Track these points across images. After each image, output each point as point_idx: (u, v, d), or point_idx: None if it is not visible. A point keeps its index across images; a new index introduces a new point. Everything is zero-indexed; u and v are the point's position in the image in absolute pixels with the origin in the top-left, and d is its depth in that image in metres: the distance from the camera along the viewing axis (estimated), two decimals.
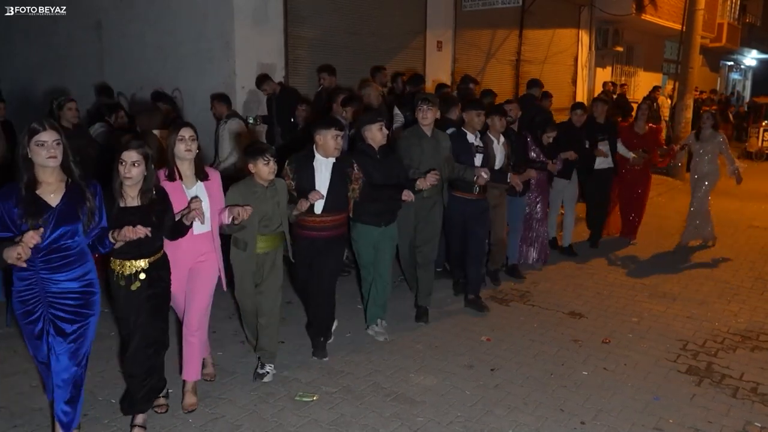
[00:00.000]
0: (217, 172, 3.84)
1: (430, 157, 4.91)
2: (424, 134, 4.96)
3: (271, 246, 4.03)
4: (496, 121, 5.54)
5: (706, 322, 5.32)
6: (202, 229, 3.69)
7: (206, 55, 7.52)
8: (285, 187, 4.08)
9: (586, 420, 3.75)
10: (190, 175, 3.65)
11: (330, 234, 4.30)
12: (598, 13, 14.03)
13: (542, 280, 6.28)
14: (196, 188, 3.66)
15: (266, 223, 3.96)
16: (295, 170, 4.22)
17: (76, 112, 5.92)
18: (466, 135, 5.32)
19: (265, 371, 4.11)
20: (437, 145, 4.99)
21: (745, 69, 31.16)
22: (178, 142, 3.56)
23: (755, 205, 10.59)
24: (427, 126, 4.95)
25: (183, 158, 3.59)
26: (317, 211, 4.22)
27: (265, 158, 3.84)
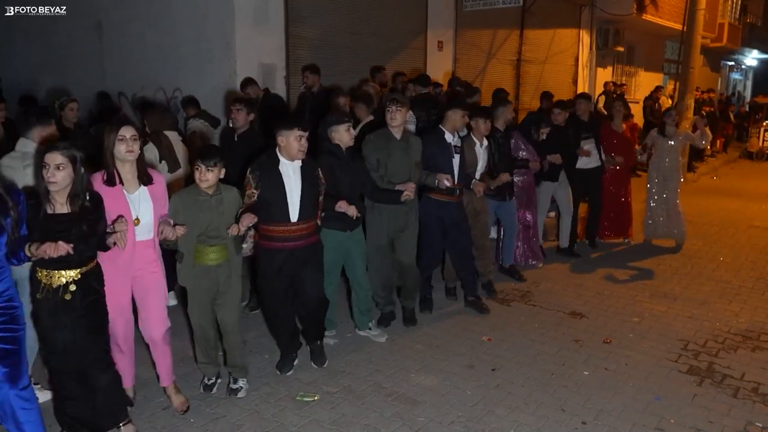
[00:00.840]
0: (161, 176, 3.63)
1: (399, 161, 4.68)
2: (392, 137, 4.70)
3: (224, 257, 3.74)
4: (480, 124, 5.36)
5: (707, 322, 5.32)
6: (146, 236, 3.49)
7: (207, 55, 7.53)
8: (235, 199, 3.78)
9: (588, 420, 3.74)
10: (132, 179, 3.41)
11: (308, 242, 4.04)
12: (599, 13, 14.03)
13: (543, 280, 6.28)
14: (138, 193, 3.44)
15: (213, 234, 3.67)
16: (259, 178, 3.86)
17: (77, 112, 5.93)
18: (444, 134, 5.05)
19: (238, 386, 3.94)
20: (408, 148, 4.74)
21: (745, 69, 31.14)
22: (117, 143, 3.29)
23: (756, 205, 10.58)
24: (396, 128, 4.69)
25: (124, 160, 3.33)
26: (292, 220, 3.93)
27: (197, 165, 3.56)
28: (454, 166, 5.02)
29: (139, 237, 3.46)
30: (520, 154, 6.18)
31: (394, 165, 4.65)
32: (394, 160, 4.66)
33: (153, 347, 3.69)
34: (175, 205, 3.63)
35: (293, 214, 3.92)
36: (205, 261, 3.71)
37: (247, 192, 3.85)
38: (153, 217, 3.47)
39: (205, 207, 3.64)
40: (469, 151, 5.29)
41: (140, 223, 3.43)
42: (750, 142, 17.52)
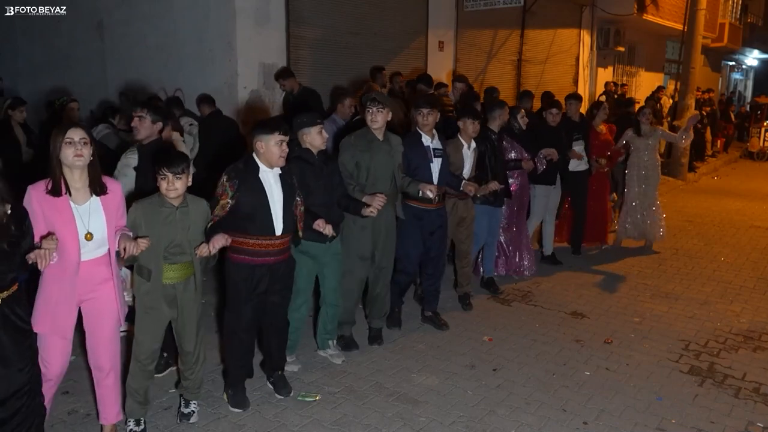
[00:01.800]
0: (119, 184, 3.27)
1: (382, 164, 4.40)
2: (374, 138, 4.39)
3: (182, 276, 3.36)
4: (468, 125, 5.06)
5: (709, 322, 5.32)
6: (96, 252, 3.11)
7: (208, 56, 7.53)
8: (203, 211, 3.42)
9: (589, 420, 3.75)
10: (82, 187, 3.04)
11: (287, 255, 3.77)
12: (600, 13, 14.03)
13: (544, 281, 6.28)
14: (89, 204, 3.05)
15: (175, 250, 3.30)
16: (237, 187, 3.52)
17: (77, 112, 5.93)
18: (421, 137, 4.73)
19: (190, 410, 3.64)
20: (390, 150, 4.45)
21: (746, 69, 31.13)
22: (65, 146, 2.92)
23: (757, 205, 10.58)
24: (378, 129, 4.39)
25: (72, 166, 2.95)
26: (277, 233, 3.61)
27: (161, 173, 3.20)
28: (433, 171, 4.70)
29: (90, 255, 3.08)
30: (510, 155, 5.97)
31: (378, 168, 4.38)
32: (377, 163, 4.38)
33: (98, 379, 3.29)
34: (134, 216, 3.25)
35: (278, 226, 3.61)
36: (166, 279, 3.32)
37: (220, 201, 3.50)
38: (107, 231, 3.10)
39: (170, 220, 3.27)
40: (456, 153, 5.04)
41: (93, 239, 3.05)
42: (751, 142, 17.52)
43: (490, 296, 5.78)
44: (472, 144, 5.18)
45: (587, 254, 7.21)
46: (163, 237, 3.26)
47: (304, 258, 4.06)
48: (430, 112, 4.67)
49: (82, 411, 3.69)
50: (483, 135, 5.42)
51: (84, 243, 3.03)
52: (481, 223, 5.59)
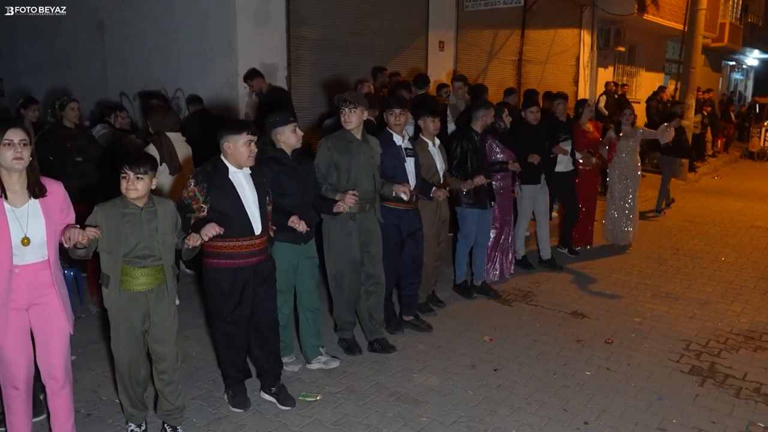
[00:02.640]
0: (60, 185, 3.07)
1: (363, 165, 4.31)
2: (352, 138, 4.30)
3: (153, 282, 3.21)
4: (428, 123, 5.02)
5: (709, 322, 5.32)
6: (37, 258, 2.94)
7: (208, 56, 7.53)
8: (171, 211, 3.27)
9: (590, 420, 3.75)
10: (20, 190, 2.89)
11: (267, 254, 3.73)
12: (600, 12, 14.02)
13: (544, 281, 6.28)
14: (27, 207, 2.90)
15: (142, 254, 3.15)
16: (207, 190, 3.45)
17: (78, 112, 5.93)
18: (392, 136, 4.68)
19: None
20: (370, 150, 4.39)
21: (747, 69, 31.12)
22: (3, 148, 2.78)
23: (757, 205, 10.58)
24: (354, 130, 4.30)
25: (10, 168, 2.82)
26: (256, 231, 3.57)
27: (123, 172, 3.07)
28: (407, 171, 4.66)
29: (28, 260, 2.92)
30: (496, 157, 5.87)
31: (359, 169, 4.29)
32: (358, 164, 4.29)
33: (53, 390, 3.10)
34: (96, 219, 3.09)
35: (256, 225, 3.56)
36: (134, 286, 3.17)
37: (194, 206, 3.45)
38: (46, 235, 2.94)
39: (134, 222, 3.13)
40: (423, 153, 4.96)
41: (30, 243, 2.89)
42: (751, 142, 17.52)
43: (491, 296, 5.77)
44: (436, 141, 5.13)
45: (586, 255, 7.20)
46: (128, 240, 3.13)
47: (279, 259, 3.95)
48: (402, 112, 4.66)
49: (83, 411, 3.68)
50: (466, 135, 5.44)
51: (20, 248, 2.88)
52: (471, 226, 5.59)
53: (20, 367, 3.00)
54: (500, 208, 6.01)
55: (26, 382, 3.05)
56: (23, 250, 2.89)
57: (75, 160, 5.38)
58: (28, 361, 3.04)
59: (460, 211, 5.61)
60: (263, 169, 3.80)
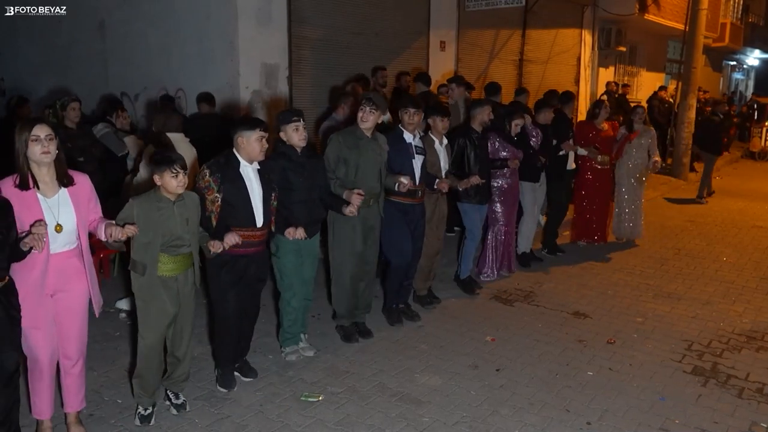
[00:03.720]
0: (86, 176, 3.31)
1: (370, 162, 4.48)
2: (363, 135, 4.48)
3: (181, 268, 3.49)
4: (437, 122, 5.15)
5: (711, 322, 5.31)
6: (67, 246, 3.18)
7: (209, 56, 7.52)
8: (197, 203, 3.56)
9: (592, 420, 3.74)
10: (50, 181, 3.12)
11: (264, 248, 4.00)
12: (601, 12, 14.01)
13: (546, 281, 6.27)
14: (58, 196, 3.14)
15: (175, 243, 3.42)
16: (220, 180, 3.69)
17: (79, 112, 5.93)
18: (403, 134, 4.86)
19: (182, 401, 3.74)
20: (378, 147, 4.55)
21: (747, 69, 31.12)
22: (31, 144, 3.01)
23: (759, 205, 10.57)
24: (367, 129, 4.49)
25: (40, 162, 3.05)
26: (258, 224, 3.81)
27: (173, 170, 3.32)
28: (415, 167, 4.83)
29: (59, 248, 3.14)
30: (501, 155, 5.94)
31: (366, 164, 4.47)
32: (365, 160, 4.46)
33: (66, 368, 3.34)
34: (129, 214, 3.33)
35: (259, 218, 3.81)
36: (166, 272, 3.44)
37: (208, 197, 3.67)
38: (76, 222, 3.17)
39: (167, 215, 3.38)
40: (429, 150, 5.09)
41: (62, 230, 3.12)
42: (752, 142, 17.50)
43: (493, 296, 5.77)
44: (444, 140, 5.25)
45: (587, 255, 7.20)
46: (163, 232, 3.37)
47: (287, 252, 4.17)
48: (417, 112, 4.81)
49: (84, 411, 3.67)
50: (463, 133, 5.55)
51: (54, 235, 3.10)
52: (474, 220, 5.73)
53: (45, 353, 3.20)
54: (506, 206, 6.05)
55: (50, 365, 3.25)
56: (56, 237, 3.11)
57: (77, 160, 5.38)
58: (53, 346, 3.25)
59: (461, 207, 5.72)
60: (272, 164, 3.99)
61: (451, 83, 7.63)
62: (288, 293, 4.30)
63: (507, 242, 6.25)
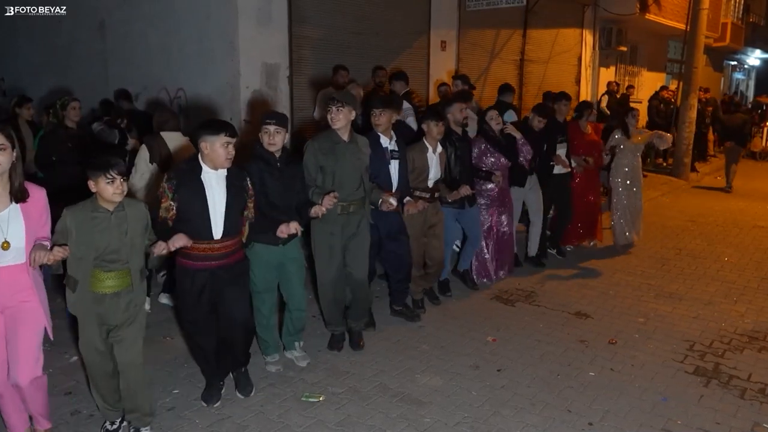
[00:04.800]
0: (42, 191, 3.07)
1: (348, 167, 4.22)
2: (339, 139, 4.20)
3: (122, 284, 3.18)
4: (432, 127, 4.88)
5: (713, 322, 5.30)
6: (15, 260, 2.95)
7: (210, 55, 7.51)
8: (142, 214, 3.23)
9: (594, 421, 3.73)
10: (2, 193, 2.90)
11: (234, 259, 3.62)
12: (602, 12, 14.00)
13: (547, 281, 6.26)
14: (8, 211, 2.91)
15: (110, 258, 3.12)
16: (176, 187, 3.38)
17: (79, 111, 5.93)
18: (379, 138, 4.59)
19: None
20: (357, 151, 4.27)
21: (748, 69, 31.09)
22: None
23: (760, 205, 10.56)
24: (341, 129, 4.21)
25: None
26: (216, 236, 3.49)
27: (108, 175, 3.02)
28: (391, 173, 4.63)
29: (7, 262, 2.94)
30: (487, 161, 5.68)
31: (343, 171, 4.20)
32: (342, 166, 4.20)
33: (19, 392, 3.11)
34: (65, 223, 3.05)
35: (216, 230, 3.48)
36: (100, 288, 3.15)
37: (162, 204, 3.39)
38: (26, 239, 2.94)
39: (104, 226, 3.09)
40: (420, 156, 4.89)
41: (9, 248, 2.90)
42: (753, 142, 17.47)
43: (494, 297, 5.76)
44: (438, 147, 4.98)
45: (589, 255, 7.18)
46: (97, 244, 3.08)
47: (257, 264, 3.95)
48: (382, 112, 4.56)
49: (85, 412, 3.67)
50: (445, 137, 5.21)
51: (0, 252, 2.91)
52: (449, 225, 5.45)
53: None
54: (501, 206, 5.94)
55: (5, 383, 3.07)
56: (2, 254, 2.91)
57: (78, 160, 5.37)
58: (4, 364, 3.06)
59: None
60: (251, 166, 3.80)
61: (456, 80, 7.58)
62: (257, 299, 4.09)
63: (499, 248, 6.04)
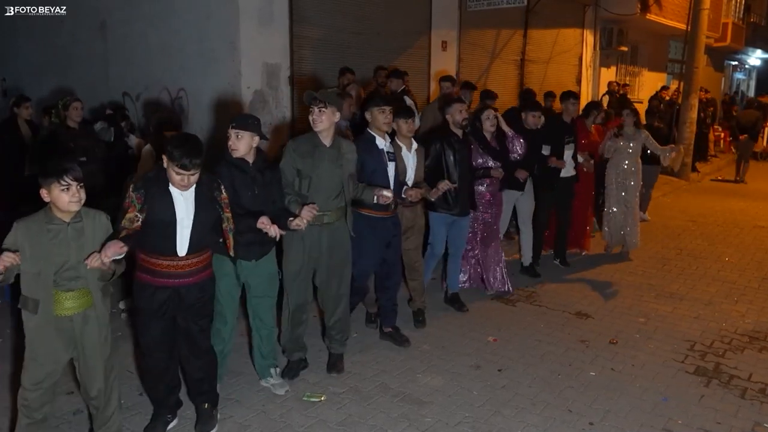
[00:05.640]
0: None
1: (326, 174, 3.88)
2: (319, 142, 3.89)
3: (80, 306, 2.94)
4: (401, 125, 4.59)
5: (714, 322, 5.31)
6: None
7: (211, 56, 7.52)
8: (102, 226, 2.99)
9: (595, 421, 3.74)
10: None
11: (199, 278, 3.31)
12: (603, 12, 13.99)
13: (548, 281, 6.26)
14: None
15: (69, 275, 2.87)
16: (144, 198, 3.09)
17: (81, 111, 5.94)
18: (375, 139, 4.34)
19: None
20: (339, 157, 3.93)
21: (749, 69, 31.07)
22: None
23: (761, 205, 10.56)
24: (323, 132, 3.89)
25: None
26: (180, 253, 3.20)
27: (62, 181, 2.76)
28: (389, 176, 4.34)
29: None
30: (478, 161, 5.42)
31: (319, 178, 3.87)
32: (320, 172, 3.87)
33: None
34: (15, 238, 2.82)
35: (181, 246, 3.19)
36: (59, 311, 2.89)
37: (128, 215, 3.06)
38: None
39: (60, 239, 2.84)
40: (397, 157, 4.57)
41: None
42: None
43: (494, 297, 5.76)
44: (413, 145, 4.70)
45: (589, 256, 7.19)
46: (54, 260, 2.84)
47: (223, 276, 3.63)
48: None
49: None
50: (442, 136, 5.02)
51: None
52: (438, 233, 5.19)
53: None
54: (491, 215, 5.62)
55: None
56: None
57: (79, 160, 5.39)
58: None
59: (430, 216, 5.17)
60: (221, 169, 3.53)
61: (443, 82, 7.53)
62: (218, 320, 3.70)
63: (487, 258, 5.72)
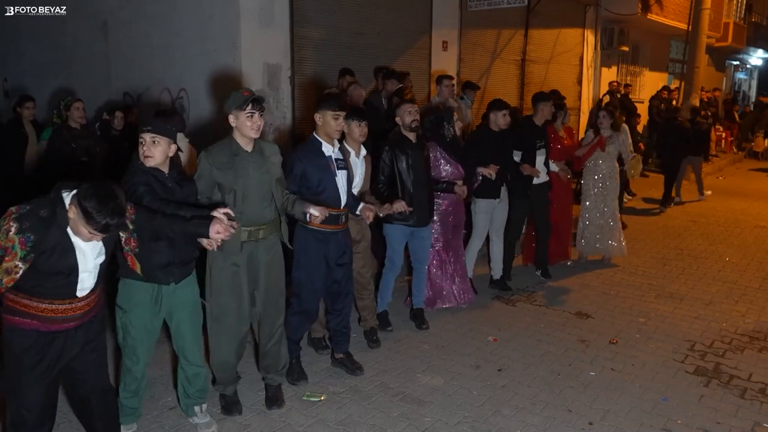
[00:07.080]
0: None
1: (256, 183, 3.47)
2: (239, 149, 3.44)
3: None
4: (354, 128, 4.18)
5: (714, 322, 5.31)
6: None
7: (212, 56, 7.53)
8: None
9: (594, 421, 3.74)
10: None
11: (94, 312, 2.84)
12: (604, 12, 13.98)
13: (548, 281, 6.27)
14: None
15: None
16: (33, 245, 2.50)
17: (83, 112, 5.95)
18: (321, 145, 3.91)
19: None
20: (263, 162, 3.51)
21: (750, 68, 31.04)
22: None
23: (761, 205, 10.55)
24: (249, 140, 3.47)
25: None
26: (81, 294, 2.71)
27: None
28: (339, 185, 3.95)
29: None
30: (441, 170, 5.04)
31: (247, 188, 3.44)
32: (248, 182, 3.45)
33: None
34: None
35: (83, 287, 2.71)
36: None
37: (4, 264, 2.49)
38: None
39: None
40: None
41: None
42: (756, 142, 17.45)
43: (495, 296, 5.77)
44: (362, 151, 4.34)
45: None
46: None
47: (138, 305, 3.20)
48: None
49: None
50: (393, 141, 4.67)
51: None
52: (396, 246, 4.85)
53: None
54: (444, 228, 5.24)
55: None
56: None
57: (81, 160, 5.40)
58: None
59: (386, 228, 4.81)
60: (134, 179, 3.06)
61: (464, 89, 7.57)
62: (130, 358, 3.28)
63: (449, 272, 5.37)
